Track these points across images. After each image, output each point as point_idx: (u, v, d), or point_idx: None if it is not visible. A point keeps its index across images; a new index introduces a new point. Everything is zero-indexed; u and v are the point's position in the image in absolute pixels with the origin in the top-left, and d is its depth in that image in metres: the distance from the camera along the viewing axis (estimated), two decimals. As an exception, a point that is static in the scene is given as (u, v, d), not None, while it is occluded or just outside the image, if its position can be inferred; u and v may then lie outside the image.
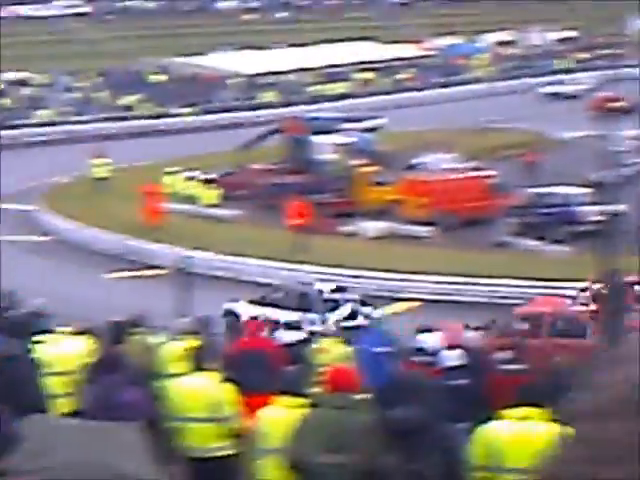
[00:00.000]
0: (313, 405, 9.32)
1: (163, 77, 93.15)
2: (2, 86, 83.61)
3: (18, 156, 63.19)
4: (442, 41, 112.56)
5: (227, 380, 11.50)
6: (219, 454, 11.05)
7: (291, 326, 17.44)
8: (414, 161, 51.44)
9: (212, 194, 47.88)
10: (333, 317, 23.37)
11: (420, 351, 16.43)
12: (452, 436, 8.84)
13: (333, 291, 29.12)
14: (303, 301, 28.26)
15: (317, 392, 9.90)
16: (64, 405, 11.86)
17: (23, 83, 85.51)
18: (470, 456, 8.56)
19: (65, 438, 7.12)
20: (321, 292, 28.65)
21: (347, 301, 28.00)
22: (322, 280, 31.42)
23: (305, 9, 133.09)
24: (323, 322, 24.31)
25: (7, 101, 78.85)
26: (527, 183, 44.87)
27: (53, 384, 12.57)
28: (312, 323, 24.36)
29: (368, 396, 9.60)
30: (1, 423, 5.01)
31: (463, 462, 8.44)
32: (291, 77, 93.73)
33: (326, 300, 28.11)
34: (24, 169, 56.66)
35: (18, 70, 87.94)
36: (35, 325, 12.82)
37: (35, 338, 12.20)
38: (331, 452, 8.87)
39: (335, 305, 27.76)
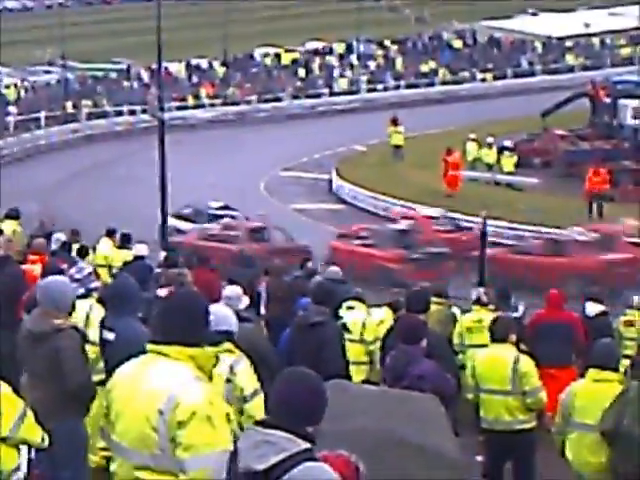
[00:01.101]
0: (635, 377, 9.19)
1: (463, 42, 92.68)
2: (300, 56, 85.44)
3: (317, 125, 64.71)
4: None
5: (527, 352, 11.36)
6: (519, 427, 10.93)
7: (594, 298, 16.91)
8: None
9: (509, 161, 47.44)
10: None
11: None
12: None
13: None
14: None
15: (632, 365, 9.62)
16: (362, 372, 11.98)
17: (322, 52, 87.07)
18: None
19: (364, 404, 7.18)
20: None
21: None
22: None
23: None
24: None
25: (303, 71, 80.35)
26: None
27: (354, 351, 12.78)
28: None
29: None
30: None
31: None
32: (595, 40, 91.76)
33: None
34: (322, 138, 57.84)
35: (317, 40, 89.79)
36: (338, 292, 12.99)
37: (340, 305, 12.37)
38: None
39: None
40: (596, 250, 30.23)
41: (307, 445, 4.76)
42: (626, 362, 13.35)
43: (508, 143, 48.93)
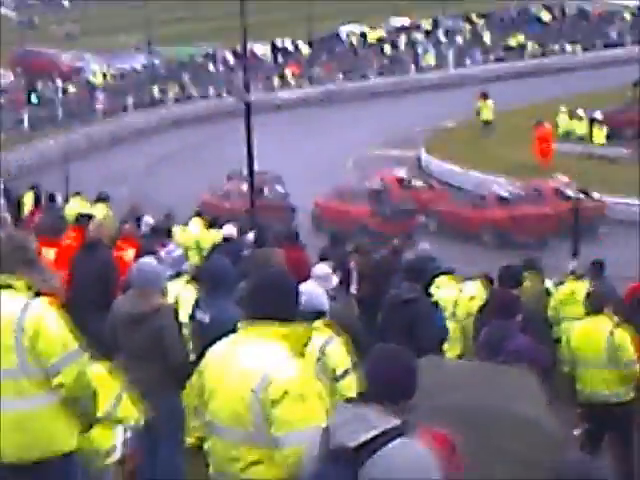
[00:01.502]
0: None
1: (551, 15, 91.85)
2: (385, 34, 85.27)
3: (404, 102, 64.62)
4: None
5: (624, 324, 11.27)
6: (616, 400, 10.93)
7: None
8: None
9: (600, 133, 47.07)
10: None
11: None
12: None
13: None
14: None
15: None
16: (456, 347, 11.96)
17: (408, 29, 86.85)
18: None
19: (457, 379, 7.17)
20: None
21: None
22: None
23: None
24: None
25: (389, 48, 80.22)
26: None
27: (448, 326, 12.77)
28: None
29: None
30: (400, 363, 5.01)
31: None
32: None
33: None
34: (409, 115, 57.82)
35: (403, 16, 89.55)
36: (430, 269, 12.98)
37: (432, 282, 12.35)
38: None
39: None
40: (519, 204, 34.91)
41: (399, 422, 4.77)
42: None
43: (598, 115, 48.52)
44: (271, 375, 5.29)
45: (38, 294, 6.36)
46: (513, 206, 34.86)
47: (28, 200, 22.28)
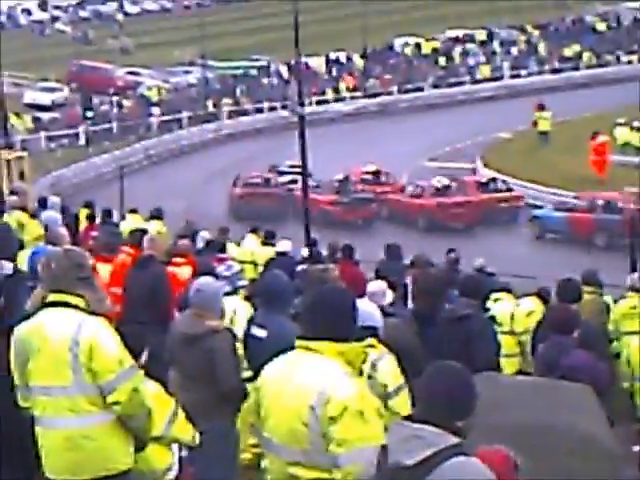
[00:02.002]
0: None
1: (607, 25, 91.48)
2: (440, 45, 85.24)
3: (459, 113, 64.51)
4: None
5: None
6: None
7: None
8: None
9: (656, 144, 46.83)
10: None
11: None
12: None
13: None
14: None
15: None
16: (513, 364, 11.91)
17: (463, 40, 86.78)
18: None
19: (515, 396, 7.15)
20: None
21: None
22: None
23: None
24: None
25: (444, 59, 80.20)
26: None
27: (504, 342, 12.73)
28: None
29: None
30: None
31: None
32: None
33: None
34: (465, 127, 57.70)
35: (457, 28, 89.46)
36: (486, 284, 12.95)
37: (488, 297, 12.31)
38: None
39: None
40: (448, 195, 40.25)
41: (457, 440, 4.78)
42: None
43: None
44: (329, 392, 5.30)
45: (93, 312, 6.42)
46: (442, 196, 40.02)
47: (83, 216, 22.45)
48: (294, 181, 42.18)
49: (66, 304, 6.34)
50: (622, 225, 32.12)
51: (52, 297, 6.37)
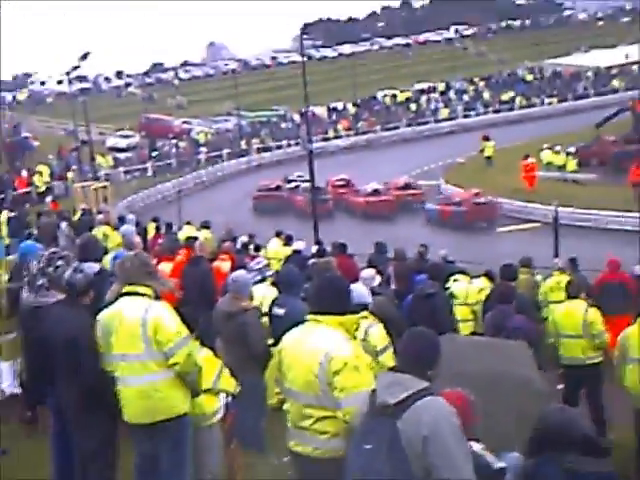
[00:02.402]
0: None
1: (534, 76, 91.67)
2: (411, 94, 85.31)
3: (426, 145, 64.67)
4: None
5: (594, 305, 11.20)
6: (589, 362, 10.86)
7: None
8: None
9: (573, 163, 46.83)
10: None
11: None
12: None
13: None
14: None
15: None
16: (468, 327, 11.89)
17: (428, 91, 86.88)
18: None
19: (470, 351, 7.13)
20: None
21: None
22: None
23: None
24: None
25: (414, 105, 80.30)
26: None
27: (461, 311, 12.72)
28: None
29: None
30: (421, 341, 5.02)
31: None
32: (634, 67, 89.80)
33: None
34: (431, 154, 57.79)
35: (424, 82, 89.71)
36: (448, 269, 12.98)
37: (448, 279, 12.32)
38: None
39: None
40: (374, 194, 43.05)
41: (427, 384, 4.78)
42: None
43: (572, 149, 48.28)
44: (333, 352, 5.35)
45: (157, 298, 6.48)
46: (372, 195, 43.03)
47: (151, 228, 22.44)
48: (297, 187, 45.61)
49: (137, 293, 6.41)
50: (465, 214, 38.14)
51: (127, 289, 6.47)
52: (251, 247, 18.81)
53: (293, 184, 47.12)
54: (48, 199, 43.35)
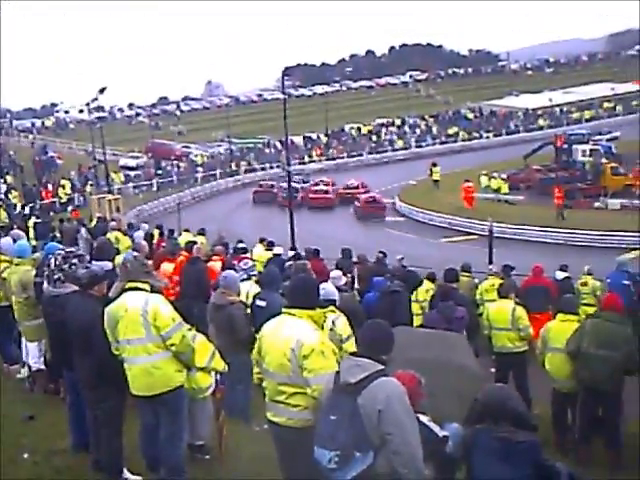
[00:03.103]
0: (592, 317, 9.13)
1: (474, 115, 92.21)
2: (373, 128, 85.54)
3: (385, 170, 64.80)
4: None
5: (521, 305, 11.25)
6: (516, 350, 10.94)
7: (561, 268, 16.65)
8: None
9: (505, 186, 47.17)
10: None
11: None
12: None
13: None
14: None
15: (593, 309, 9.46)
16: (418, 320, 11.88)
17: (387, 125, 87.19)
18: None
19: (419, 340, 7.12)
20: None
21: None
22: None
23: (564, 65, 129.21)
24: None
25: (375, 137, 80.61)
26: None
27: (413, 307, 12.71)
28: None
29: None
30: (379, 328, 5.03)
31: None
32: (556, 109, 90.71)
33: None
34: (388, 177, 57.90)
35: (383, 117, 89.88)
36: (407, 272, 13.00)
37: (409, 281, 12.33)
38: (602, 349, 8.72)
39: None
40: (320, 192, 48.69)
41: (382, 367, 4.77)
42: (585, 308, 13.19)
43: (504, 175, 48.71)
44: (303, 340, 5.34)
45: (155, 292, 6.49)
46: (318, 192, 48.65)
47: (156, 234, 22.29)
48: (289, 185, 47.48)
49: (137, 288, 6.40)
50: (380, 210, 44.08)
51: (129, 285, 6.47)
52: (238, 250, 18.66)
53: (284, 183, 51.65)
54: (69, 208, 43.25)
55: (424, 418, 5.32)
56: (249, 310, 9.23)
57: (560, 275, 16.32)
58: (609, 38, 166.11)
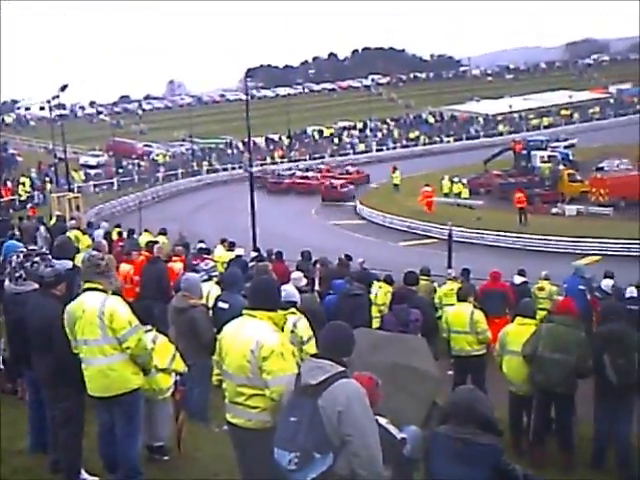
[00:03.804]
0: (547, 321, 9.22)
1: (435, 119, 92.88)
2: (335, 130, 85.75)
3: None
4: (618, 86, 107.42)
5: (479, 308, 11.36)
6: (475, 354, 11.03)
7: (519, 273, 16.83)
8: (600, 165, 50.08)
9: (465, 191, 47.58)
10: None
11: (601, 290, 15.36)
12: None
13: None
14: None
15: (547, 314, 9.59)
16: (377, 322, 11.93)
17: (349, 128, 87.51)
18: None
19: (379, 343, 7.14)
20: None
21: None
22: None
23: (524, 71, 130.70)
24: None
25: (337, 140, 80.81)
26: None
27: (372, 311, 12.71)
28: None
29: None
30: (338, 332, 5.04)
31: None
32: (515, 115, 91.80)
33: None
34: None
35: (345, 120, 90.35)
36: (367, 275, 13.01)
37: (367, 283, 12.33)
38: (557, 352, 8.82)
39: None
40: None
41: (342, 369, 4.78)
42: (541, 313, 13.36)
43: (465, 180, 49.11)
44: (262, 341, 5.30)
45: (113, 293, 6.45)
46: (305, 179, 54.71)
47: (115, 233, 22.07)
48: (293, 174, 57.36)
49: (96, 289, 6.35)
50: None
51: (86, 285, 6.42)
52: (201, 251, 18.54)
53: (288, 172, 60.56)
54: (29, 206, 42.61)
55: (382, 420, 5.35)
56: (211, 312, 9.18)
57: (518, 280, 16.49)
58: (567, 47, 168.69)
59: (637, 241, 31.66)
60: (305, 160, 71.62)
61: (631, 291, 14.13)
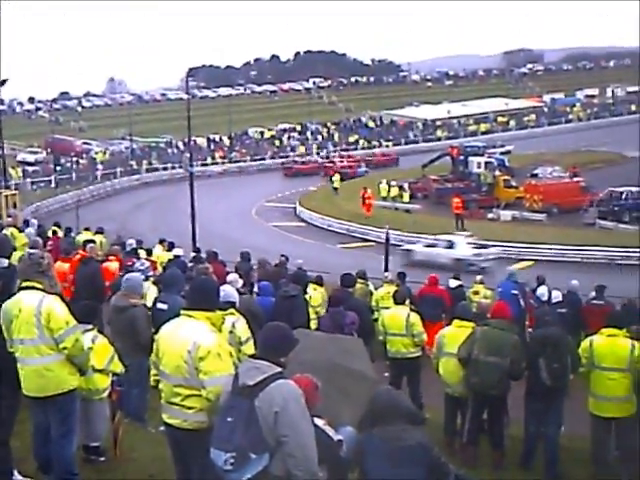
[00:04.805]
0: (482, 325, 9.33)
1: (375, 123, 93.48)
2: (276, 132, 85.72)
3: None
4: (551, 95, 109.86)
5: (415, 311, 11.47)
6: (410, 356, 11.12)
7: (454, 277, 17.06)
8: (534, 172, 51.32)
9: (404, 195, 47.96)
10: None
11: (536, 297, 15.68)
12: (572, 346, 9.01)
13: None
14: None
15: (483, 318, 9.72)
16: (313, 324, 11.96)
17: (289, 130, 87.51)
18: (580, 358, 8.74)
19: (316, 344, 7.16)
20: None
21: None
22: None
23: (462, 78, 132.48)
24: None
25: (278, 142, 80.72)
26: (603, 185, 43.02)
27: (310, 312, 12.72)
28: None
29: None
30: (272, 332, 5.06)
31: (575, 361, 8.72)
32: (454, 121, 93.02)
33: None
34: (289, 182, 58.21)
35: (286, 122, 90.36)
36: (302, 276, 12.96)
37: (303, 285, 12.30)
38: (491, 355, 8.97)
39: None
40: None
41: (280, 369, 4.79)
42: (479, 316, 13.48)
43: (403, 184, 49.48)
44: (199, 342, 5.28)
45: (52, 292, 6.32)
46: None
47: (51, 231, 21.65)
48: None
49: (33, 288, 6.22)
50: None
51: (24, 284, 6.28)
52: (140, 251, 18.30)
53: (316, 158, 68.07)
54: (-38, 203, 41.47)
55: (319, 422, 5.37)
56: (150, 313, 9.09)
57: (453, 283, 16.71)
58: (504, 55, 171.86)
59: (569, 247, 32.49)
60: (245, 161, 71.44)
61: (556, 296, 14.59)
